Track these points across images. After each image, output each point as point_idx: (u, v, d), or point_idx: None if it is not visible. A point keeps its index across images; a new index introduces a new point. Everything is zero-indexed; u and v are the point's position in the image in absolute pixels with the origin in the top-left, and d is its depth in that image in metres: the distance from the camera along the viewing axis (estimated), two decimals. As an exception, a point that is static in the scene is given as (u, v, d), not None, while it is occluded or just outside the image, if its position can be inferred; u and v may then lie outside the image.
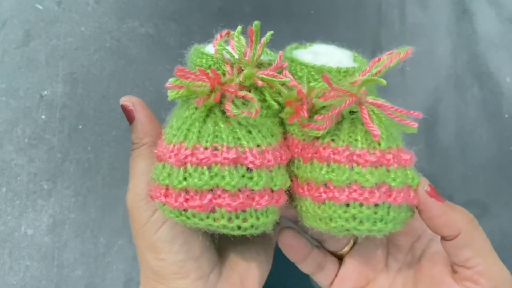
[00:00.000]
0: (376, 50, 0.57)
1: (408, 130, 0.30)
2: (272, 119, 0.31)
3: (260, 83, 0.29)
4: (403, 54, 0.29)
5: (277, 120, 0.32)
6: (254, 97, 0.28)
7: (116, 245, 0.48)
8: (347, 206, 0.28)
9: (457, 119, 0.55)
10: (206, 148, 0.27)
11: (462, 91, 0.56)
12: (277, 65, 0.30)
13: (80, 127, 0.51)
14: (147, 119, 0.33)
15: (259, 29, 0.29)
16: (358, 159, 0.29)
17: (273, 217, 0.29)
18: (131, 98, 0.33)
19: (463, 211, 0.30)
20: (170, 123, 0.31)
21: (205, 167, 0.27)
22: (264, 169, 0.28)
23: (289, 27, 0.57)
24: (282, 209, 0.31)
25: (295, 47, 0.36)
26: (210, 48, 0.32)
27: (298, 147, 0.32)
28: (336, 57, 0.33)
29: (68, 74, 0.52)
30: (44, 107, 0.51)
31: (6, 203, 0.48)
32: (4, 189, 0.48)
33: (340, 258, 0.38)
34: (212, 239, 0.34)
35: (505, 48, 0.58)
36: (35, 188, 0.49)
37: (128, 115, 0.33)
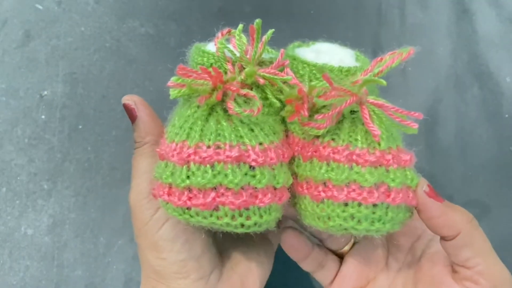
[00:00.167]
0: (376, 50, 0.57)
1: (408, 131, 0.30)
2: (273, 117, 0.31)
3: (261, 81, 0.29)
4: (405, 55, 0.28)
5: (278, 118, 0.32)
6: (255, 95, 0.28)
7: (116, 245, 0.48)
8: (346, 205, 0.28)
9: (457, 119, 0.55)
10: (208, 147, 0.27)
11: (462, 91, 0.56)
12: (279, 63, 0.30)
13: (80, 127, 0.51)
14: (149, 118, 0.33)
15: (260, 27, 0.29)
16: (357, 158, 0.29)
17: (276, 214, 0.29)
18: (133, 97, 0.33)
19: (462, 211, 0.30)
20: (172, 121, 0.31)
21: (208, 166, 0.27)
22: (266, 167, 0.28)
23: (289, 27, 0.57)
24: (284, 207, 0.31)
25: (297, 45, 0.36)
26: (211, 46, 0.32)
27: (298, 146, 0.32)
28: (338, 56, 0.33)
29: (68, 74, 0.52)
30: (44, 107, 0.51)
31: (6, 203, 0.48)
32: (4, 189, 0.48)
33: (340, 256, 0.38)
34: (213, 239, 0.34)
35: (505, 48, 0.58)
36: (35, 188, 0.49)
37: (130, 114, 0.33)
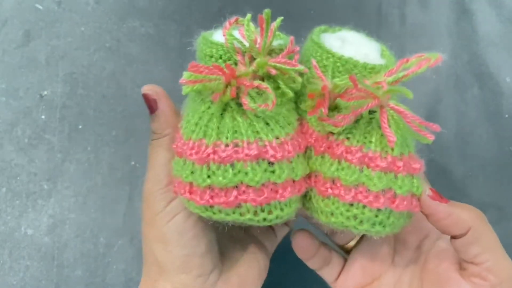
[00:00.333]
0: (376, 50, 0.57)
1: (423, 141, 0.29)
2: (287, 106, 0.31)
3: (273, 71, 0.29)
4: (433, 61, 0.28)
5: (291, 106, 0.32)
6: (268, 87, 0.28)
7: (116, 245, 0.48)
8: (351, 205, 0.29)
9: (457, 119, 0.55)
10: (227, 145, 0.27)
11: (462, 91, 0.56)
12: (289, 51, 0.30)
13: (80, 127, 0.51)
14: (170, 110, 0.33)
15: (269, 18, 0.28)
16: (369, 162, 0.29)
17: (296, 205, 0.30)
18: (155, 88, 0.33)
19: (469, 208, 0.30)
20: (187, 117, 0.30)
21: (228, 165, 0.27)
22: (285, 162, 0.28)
23: (289, 27, 0.57)
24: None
25: (323, 29, 0.35)
26: (218, 36, 0.31)
27: (312, 137, 0.32)
28: (364, 49, 0.32)
29: (68, 74, 0.52)
30: (44, 107, 0.51)
31: (6, 203, 0.48)
32: (4, 189, 0.48)
33: (346, 251, 0.38)
34: (215, 240, 0.34)
35: (505, 48, 0.58)
36: (35, 188, 0.49)
37: (150, 105, 0.32)
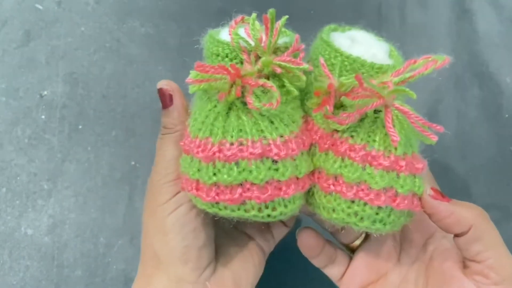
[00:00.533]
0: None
1: (426, 142, 0.30)
2: (292, 104, 0.31)
3: (278, 70, 0.29)
4: (440, 63, 0.28)
5: (296, 104, 0.32)
6: (273, 86, 0.28)
7: (116, 245, 0.48)
8: (352, 202, 0.29)
9: (457, 119, 0.55)
10: (232, 144, 0.28)
11: (462, 91, 0.56)
12: (294, 49, 0.30)
13: (80, 127, 0.51)
14: (183, 107, 0.33)
15: (274, 17, 0.29)
16: (372, 160, 0.29)
17: (299, 202, 0.30)
18: (171, 83, 0.33)
19: (471, 206, 0.31)
20: (194, 115, 0.31)
21: (233, 163, 0.28)
22: (288, 159, 0.29)
23: (289, 27, 0.57)
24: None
25: (333, 28, 0.35)
26: (225, 34, 0.32)
27: (317, 134, 0.32)
28: (372, 49, 0.33)
29: (68, 74, 0.52)
30: (44, 107, 0.51)
31: (6, 203, 0.48)
32: (4, 189, 0.48)
33: (351, 250, 0.38)
34: (213, 237, 0.34)
35: (505, 48, 0.58)
36: (35, 188, 0.49)
37: (165, 100, 0.33)
